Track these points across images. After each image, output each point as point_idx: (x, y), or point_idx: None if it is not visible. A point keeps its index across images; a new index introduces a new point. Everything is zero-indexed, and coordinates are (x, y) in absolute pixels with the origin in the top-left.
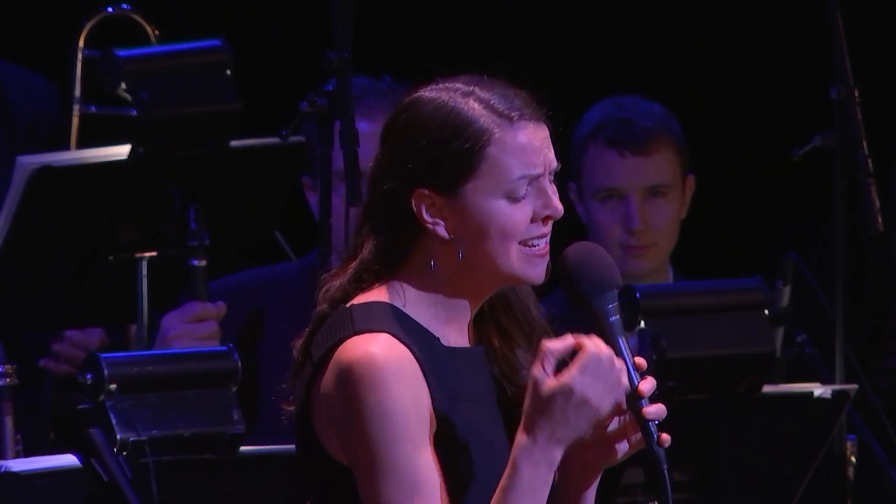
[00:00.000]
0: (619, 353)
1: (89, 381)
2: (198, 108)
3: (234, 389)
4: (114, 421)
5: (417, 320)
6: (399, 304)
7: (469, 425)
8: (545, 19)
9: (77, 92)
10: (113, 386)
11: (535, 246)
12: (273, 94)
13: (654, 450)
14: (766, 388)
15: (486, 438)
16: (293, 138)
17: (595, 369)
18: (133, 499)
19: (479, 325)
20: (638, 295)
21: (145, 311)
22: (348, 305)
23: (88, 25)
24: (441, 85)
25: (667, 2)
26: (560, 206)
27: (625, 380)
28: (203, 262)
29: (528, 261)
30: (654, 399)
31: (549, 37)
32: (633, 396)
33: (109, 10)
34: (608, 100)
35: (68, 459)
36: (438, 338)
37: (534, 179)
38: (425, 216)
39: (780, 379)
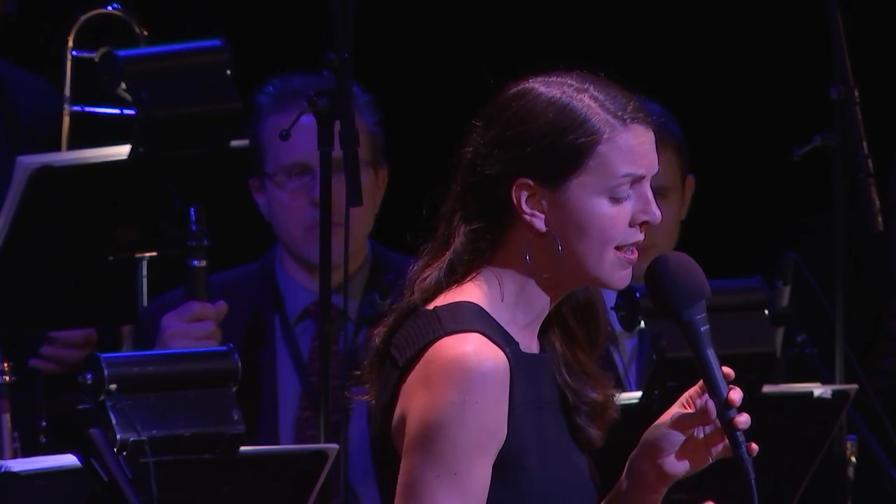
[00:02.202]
0: (707, 363)
1: (89, 381)
2: (198, 108)
3: (234, 389)
4: (114, 421)
5: (500, 322)
6: (484, 305)
7: (543, 432)
8: (545, 19)
9: (67, 91)
10: (113, 386)
11: (628, 251)
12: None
13: (742, 458)
14: (766, 388)
15: (557, 446)
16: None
17: None
18: (133, 499)
19: (543, 329)
20: (638, 295)
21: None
22: (432, 307)
23: (78, 25)
24: (553, 78)
25: (667, 2)
26: (659, 213)
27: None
28: (203, 263)
29: (619, 266)
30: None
31: (549, 37)
32: (724, 406)
33: (108, 8)
34: None
35: (68, 459)
36: (518, 342)
37: (636, 182)
38: (524, 206)
39: (780, 379)
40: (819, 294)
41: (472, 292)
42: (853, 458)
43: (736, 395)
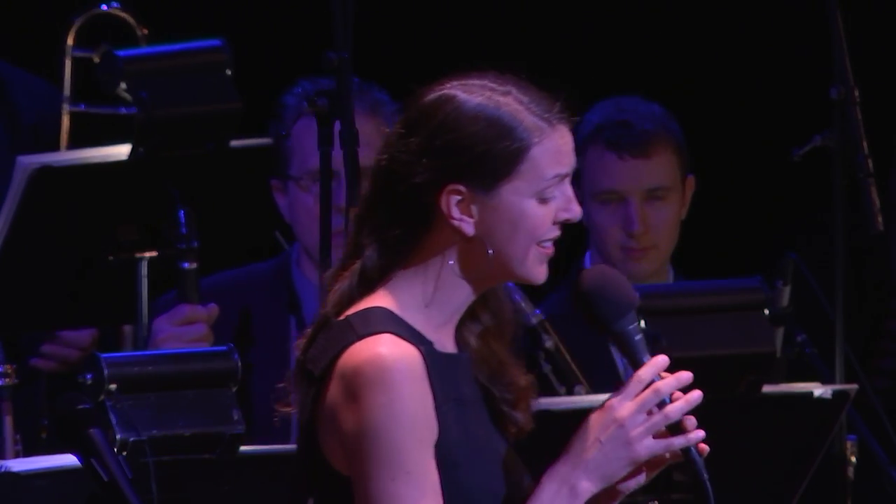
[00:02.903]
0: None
1: (89, 381)
2: (198, 108)
3: (234, 389)
4: (114, 421)
5: (412, 325)
6: (395, 309)
7: (465, 430)
8: (545, 19)
9: (66, 91)
10: (113, 386)
11: (546, 247)
12: (273, 94)
13: (694, 461)
14: (766, 388)
15: (481, 444)
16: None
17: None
18: (133, 499)
19: (458, 330)
20: (638, 295)
21: (145, 311)
22: (344, 317)
23: (77, 24)
24: (474, 82)
25: (667, 2)
26: (579, 209)
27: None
28: (194, 266)
29: (540, 261)
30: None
31: (548, 37)
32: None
33: (104, 7)
34: (607, 101)
35: (68, 459)
36: (432, 342)
37: (561, 180)
38: (453, 212)
39: (780, 379)
40: (819, 294)
41: (383, 298)
42: (853, 458)
43: (678, 408)
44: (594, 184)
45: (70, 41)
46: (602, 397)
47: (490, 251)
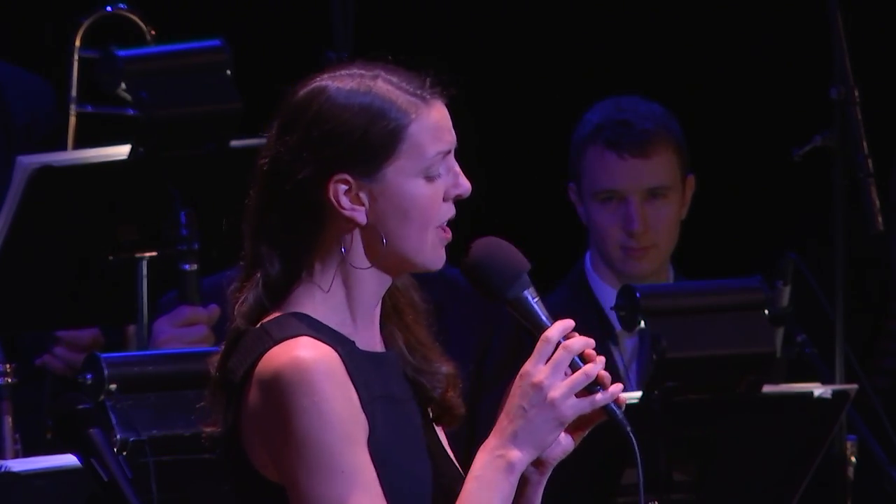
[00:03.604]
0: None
1: (89, 381)
2: (198, 108)
3: None
4: (114, 421)
5: (330, 326)
6: (311, 312)
7: (395, 427)
8: (545, 19)
9: (73, 91)
10: (113, 386)
11: (445, 231)
12: (273, 94)
13: (614, 412)
14: (766, 388)
15: (414, 441)
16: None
17: (561, 372)
18: (133, 499)
19: (383, 329)
20: (638, 295)
21: (145, 311)
22: (259, 325)
23: (85, 25)
24: (342, 72)
25: (667, 2)
26: (468, 184)
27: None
28: (194, 267)
29: (436, 246)
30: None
31: (548, 37)
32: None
33: (108, 9)
34: (607, 100)
35: (68, 459)
36: (354, 341)
37: (445, 156)
38: (343, 202)
39: (780, 379)
40: (819, 294)
41: (297, 303)
42: (853, 458)
43: (595, 365)
44: (594, 183)
45: (77, 42)
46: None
47: (384, 239)
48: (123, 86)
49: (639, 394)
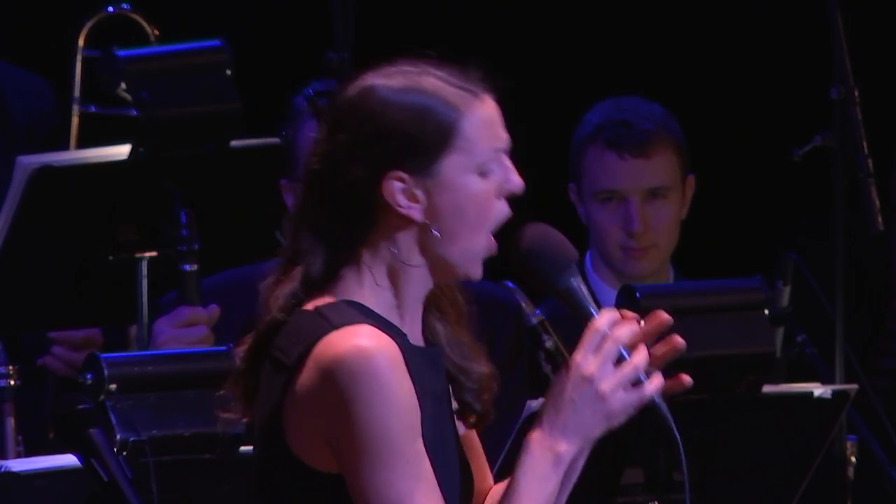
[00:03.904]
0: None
1: (89, 381)
2: (198, 108)
3: None
4: (114, 421)
5: (383, 315)
6: (363, 301)
7: (437, 427)
8: (545, 19)
9: (77, 92)
10: (113, 386)
11: (493, 240)
12: (273, 94)
13: (658, 406)
14: (766, 388)
15: (447, 440)
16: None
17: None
18: (133, 499)
19: (424, 325)
20: (638, 295)
21: (145, 311)
22: (312, 308)
23: (88, 25)
24: (388, 70)
25: (667, 2)
26: (520, 181)
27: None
28: (194, 267)
29: (483, 253)
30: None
31: (548, 37)
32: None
33: (110, 9)
34: (607, 101)
35: (68, 459)
36: (406, 334)
37: (498, 153)
38: (399, 200)
39: (780, 379)
40: (819, 294)
41: (346, 291)
42: (853, 458)
43: (642, 357)
44: (594, 183)
45: (81, 42)
46: None
47: (438, 234)
48: (123, 86)
49: None
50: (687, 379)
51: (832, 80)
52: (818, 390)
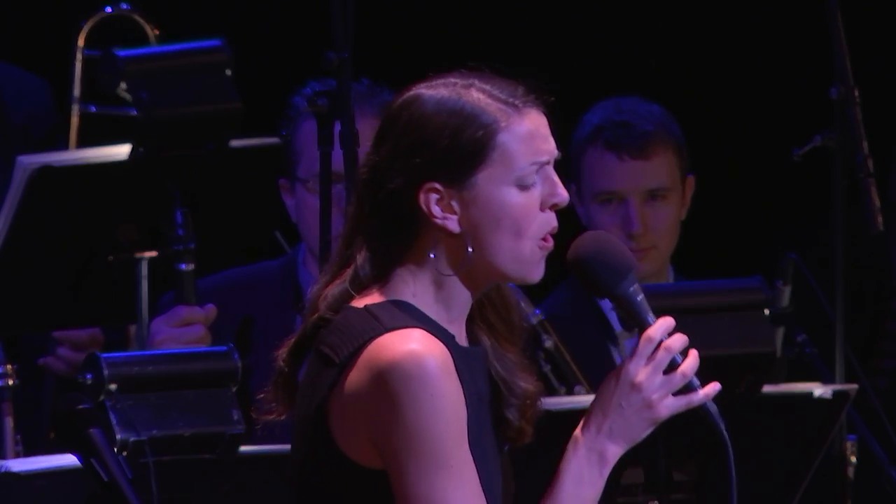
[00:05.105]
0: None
1: (89, 381)
2: (198, 108)
3: (234, 389)
4: (114, 421)
5: (431, 317)
6: (411, 302)
7: (479, 427)
8: (545, 19)
9: (77, 92)
10: (113, 386)
11: (546, 241)
12: (273, 94)
13: (709, 412)
14: (766, 388)
15: (488, 444)
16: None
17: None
18: (133, 499)
19: (468, 326)
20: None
21: (145, 311)
22: (362, 306)
23: (88, 25)
24: (437, 81)
25: (667, 2)
26: (566, 194)
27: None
28: (191, 267)
29: (538, 256)
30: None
31: (548, 37)
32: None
33: (108, 9)
34: (607, 101)
35: (68, 459)
36: (454, 335)
37: (541, 167)
38: (435, 211)
39: (780, 379)
40: (819, 294)
41: (395, 292)
42: (853, 458)
43: (690, 364)
44: (594, 184)
45: (81, 42)
46: None
47: (470, 249)
48: (123, 86)
49: None
50: (717, 386)
51: (832, 80)
52: (818, 390)
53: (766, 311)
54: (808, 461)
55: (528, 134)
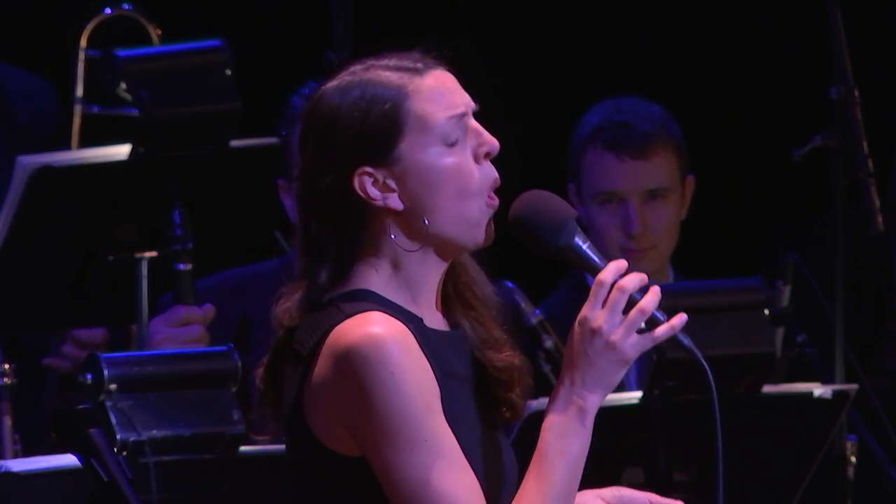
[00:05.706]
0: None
1: (89, 381)
2: (198, 108)
3: (234, 389)
4: (114, 421)
5: (397, 302)
6: (375, 290)
7: (457, 405)
8: (544, 20)
9: (79, 92)
10: (113, 386)
11: (492, 198)
12: (273, 94)
13: (682, 342)
14: (766, 388)
15: (469, 421)
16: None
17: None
18: (133, 499)
19: (447, 310)
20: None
21: (145, 311)
22: (328, 300)
23: (90, 25)
24: (337, 75)
25: (667, 2)
26: (494, 140)
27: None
28: (189, 266)
29: (483, 217)
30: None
31: (548, 37)
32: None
33: (107, 10)
34: (606, 101)
35: (68, 459)
36: (421, 318)
37: (460, 119)
38: (373, 193)
39: (780, 379)
40: (819, 294)
41: (359, 281)
42: (853, 458)
43: (649, 300)
44: (593, 185)
45: (83, 43)
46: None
47: (425, 219)
48: (124, 85)
49: (638, 394)
50: (683, 316)
51: (832, 80)
52: (818, 390)
53: (766, 311)
54: (808, 461)
55: (434, 91)
